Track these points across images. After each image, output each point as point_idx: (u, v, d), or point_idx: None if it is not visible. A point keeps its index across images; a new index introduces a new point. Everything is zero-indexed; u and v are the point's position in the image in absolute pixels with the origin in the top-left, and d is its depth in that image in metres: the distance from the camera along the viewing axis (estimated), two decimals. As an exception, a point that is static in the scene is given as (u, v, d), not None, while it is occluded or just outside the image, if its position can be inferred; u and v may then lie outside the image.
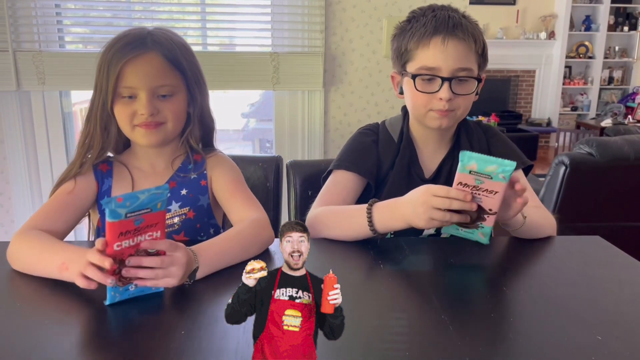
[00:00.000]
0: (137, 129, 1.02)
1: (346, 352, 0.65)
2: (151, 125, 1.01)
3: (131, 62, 0.98)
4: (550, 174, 2.37)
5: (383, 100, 2.78)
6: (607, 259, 0.98)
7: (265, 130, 5.35)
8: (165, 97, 1.02)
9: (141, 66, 0.99)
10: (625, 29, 6.84)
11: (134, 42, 1.00)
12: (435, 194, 0.91)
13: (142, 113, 1.00)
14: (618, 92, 7.11)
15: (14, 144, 2.65)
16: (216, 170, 1.13)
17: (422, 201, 0.92)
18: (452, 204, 0.89)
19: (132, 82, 0.99)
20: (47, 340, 0.67)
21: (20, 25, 2.51)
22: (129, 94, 1.00)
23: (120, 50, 0.99)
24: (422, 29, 1.07)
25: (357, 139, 1.22)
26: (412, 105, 1.13)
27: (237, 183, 1.12)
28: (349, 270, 0.95)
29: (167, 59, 1.02)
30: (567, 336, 0.69)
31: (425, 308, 0.77)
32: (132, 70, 0.99)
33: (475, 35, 1.07)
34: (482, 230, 0.94)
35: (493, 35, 6.50)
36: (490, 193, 0.90)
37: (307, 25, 2.64)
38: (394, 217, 0.99)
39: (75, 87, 2.69)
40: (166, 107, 1.02)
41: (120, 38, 1.01)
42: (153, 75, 1.00)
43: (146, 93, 0.99)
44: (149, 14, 2.63)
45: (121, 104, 1.01)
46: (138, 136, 1.03)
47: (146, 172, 1.11)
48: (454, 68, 1.05)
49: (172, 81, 1.03)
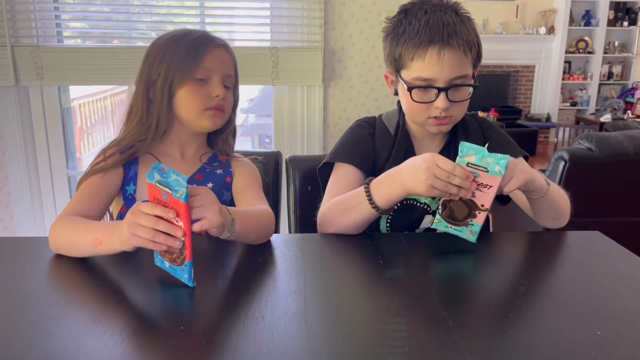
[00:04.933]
0: (207, 112, 1.09)
1: (343, 347, 0.65)
2: (220, 109, 1.10)
3: (214, 49, 1.08)
4: (549, 169, 2.37)
5: (382, 96, 2.77)
6: (606, 254, 0.98)
7: (264, 125, 5.34)
8: (227, 88, 1.11)
9: (219, 55, 1.10)
10: (625, 24, 6.83)
11: (205, 37, 1.09)
12: (439, 164, 0.91)
13: (217, 94, 1.08)
14: (617, 87, 7.10)
15: (12, 140, 2.64)
16: (239, 170, 1.19)
17: (425, 167, 0.92)
18: (453, 180, 0.90)
19: (211, 64, 1.07)
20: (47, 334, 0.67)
21: (18, 20, 2.50)
22: (203, 76, 1.07)
23: (200, 39, 1.08)
24: (415, 38, 1.02)
25: (354, 131, 1.21)
26: (409, 112, 1.12)
27: (255, 183, 1.18)
28: (347, 266, 0.95)
29: (230, 56, 1.13)
30: (566, 331, 0.69)
31: (425, 304, 0.77)
32: (212, 56, 1.08)
33: (470, 41, 1.04)
34: (471, 228, 0.95)
35: (492, 30, 6.48)
36: (485, 187, 0.91)
37: (307, 20, 2.63)
38: (392, 185, 0.99)
39: (74, 83, 2.69)
40: (227, 98, 1.11)
41: (186, 33, 1.09)
42: (227, 64, 1.11)
43: (220, 78, 1.09)
44: (147, 8, 2.62)
45: (193, 86, 1.07)
46: (205, 119, 1.09)
47: (176, 159, 1.16)
48: (450, 77, 1.03)
49: (233, 77, 1.14)
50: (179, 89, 1.06)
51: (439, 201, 1.15)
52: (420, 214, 1.14)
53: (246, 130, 5.58)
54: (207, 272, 0.87)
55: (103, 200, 1.07)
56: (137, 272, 0.89)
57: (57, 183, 2.75)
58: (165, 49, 1.07)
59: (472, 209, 0.93)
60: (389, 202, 1.01)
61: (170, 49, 1.07)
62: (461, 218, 0.95)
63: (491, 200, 0.91)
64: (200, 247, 0.96)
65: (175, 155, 1.16)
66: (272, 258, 0.94)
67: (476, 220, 0.94)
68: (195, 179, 1.15)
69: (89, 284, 0.84)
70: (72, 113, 2.86)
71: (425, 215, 1.14)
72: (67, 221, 0.95)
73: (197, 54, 1.06)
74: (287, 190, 1.43)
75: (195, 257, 0.79)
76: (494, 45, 6.30)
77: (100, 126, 5.13)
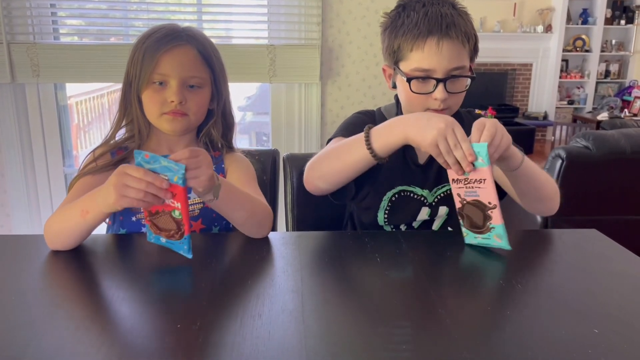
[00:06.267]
0: (164, 116, 1.07)
1: (341, 345, 0.65)
2: (178, 113, 1.06)
3: (168, 51, 1.04)
4: (546, 167, 2.37)
5: (380, 93, 2.77)
6: (603, 252, 0.98)
7: (261, 123, 5.33)
8: (194, 87, 1.07)
9: (176, 56, 1.05)
10: (622, 23, 6.83)
11: (171, 35, 1.06)
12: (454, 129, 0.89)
13: (172, 100, 1.04)
14: (615, 85, 7.11)
15: (8, 137, 2.63)
16: (233, 166, 1.18)
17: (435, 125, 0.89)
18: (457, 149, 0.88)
19: (166, 69, 1.04)
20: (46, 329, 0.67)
21: (15, 17, 2.49)
22: (160, 80, 1.05)
23: (158, 40, 1.04)
24: (414, 29, 1.04)
25: (355, 116, 1.22)
26: (407, 104, 1.13)
27: (250, 179, 1.17)
28: (345, 264, 0.95)
29: (200, 53, 1.08)
30: (564, 329, 0.69)
31: (422, 301, 0.77)
32: (167, 59, 1.04)
33: (468, 33, 1.06)
34: (495, 232, 0.93)
35: (490, 28, 6.48)
36: (480, 183, 0.90)
37: (304, 18, 2.62)
38: (394, 131, 0.96)
39: (70, 80, 2.68)
40: (192, 99, 1.07)
41: (156, 30, 1.07)
42: (186, 65, 1.06)
43: (177, 82, 1.05)
44: (144, 5, 2.61)
45: (151, 91, 1.05)
46: (164, 123, 1.07)
47: None
48: (449, 68, 1.04)
49: (202, 74, 1.08)
50: (142, 93, 1.06)
51: (434, 194, 1.15)
52: (418, 206, 1.15)
53: (243, 128, 5.57)
54: (204, 270, 0.86)
55: None
56: (133, 271, 0.89)
57: (53, 181, 2.74)
58: (133, 50, 1.07)
59: (485, 209, 0.93)
60: (386, 147, 0.97)
61: (135, 52, 1.06)
62: (481, 223, 0.94)
63: (494, 194, 0.90)
64: (198, 246, 0.96)
65: (164, 153, 1.14)
66: (269, 256, 0.93)
67: (494, 221, 0.93)
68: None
69: (85, 282, 0.84)
70: (68, 110, 2.86)
71: (422, 207, 1.15)
72: (57, 212, 0.98)
73: (153, 57, 1.03)
74: (285, 188, 1.43)
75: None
76: (491, 44, 6.29)
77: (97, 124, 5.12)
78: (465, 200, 0.95)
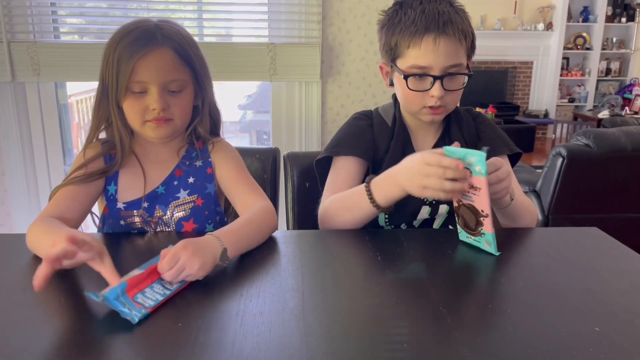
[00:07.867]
0: (148, 124, 1.03)
1: (341, 343, 0.65)
2: (162, 120, 1.02)
3: (143, 56, 0.98)
4: (547, 165, 2.37)
5: (380, 92, 2.77)
6: (604, 250, 0.98)
7: (262, 121, 5.33)
8: (175, 92, 1.03)
9: (153, 61, 0.99)
10: (623, 20, 6.83)
11: (144, 37, 0.99)
12: (428, 163, 0.92)
13: (154, 108, 1.00)
14: (615, 83, 7.11)
15: (9, 136, 2.63)
16: (219, 157, 1.14)
17: (416, 170, 0.94)
18: (446, 173, 0.90)
19: (144, 76, 0.99)
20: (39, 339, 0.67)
21: (15, 16, 2.49)
22: (140, 89, 1.00)
23: (132, 45, 0.98)
24: (412, 26, 1.04)
25: (353, 123, 1.22)
26: (404, 102, 1.14)
27: (240, 171, 1.14)
28: (346, 262, 0.95)
29: (178, 54, 1.02)
30: (565, 327, 0.69)
31: (423, 300, 0.77)
32: (144, 66, 0.98)
33: (465, 30, 1.06)
34: (485, 238, 0.94)
35: (491, 26, 6.47)
36: (476, 190, 0.91)
37: (304, 16, 2.62)
38: (391, 186, 1.00)
39: (71, 79, 2.68)
40: (175, 103, 1.03)
41: (128, 31, 1.00)
42: (165, 70, 1.00)
43: (157, 88, 1.00)
44: (145, 4, 2.61)
45: (132, 99, 1.01)
46: (148, 130, 1.04)
47: (153, 160, 1.12)
48: (446, 66, 1.05)
49: (182, 76, 1.03)
50: (122, 102, 1.02)
51: None
52: (418, 205, 1.15)
53: (244, 127, 5.57)
54: (205, 269, 0.86)
55: (84, 202, 1.04)
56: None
57: (54, 180, 2.74)
58: (105, 54, 1.01)
59: (477, 216, 0.93)
60: (389, 201, 1.02)
61: (108, 57, 1.00)
62: (473, 226, 0.95)
63: (487, 205, 0.90)
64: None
65: (151, 155, 1.12)
66: (270, 254, 0.93)
67: (485, 229, 0.93)
68: (176, 175, 1.11)
69: (86, 281, 0.84)
70: (69, 109, 2.86)
71: (422, 206, 1.15)
72: (39, 224, 0.93)
73: (128, 64, 0.97)
74: (285, 187, 1.43)
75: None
76: (492, 42, 6.29)
77: (97, 122, 5.10)
78: (462, 202, 0.95)
